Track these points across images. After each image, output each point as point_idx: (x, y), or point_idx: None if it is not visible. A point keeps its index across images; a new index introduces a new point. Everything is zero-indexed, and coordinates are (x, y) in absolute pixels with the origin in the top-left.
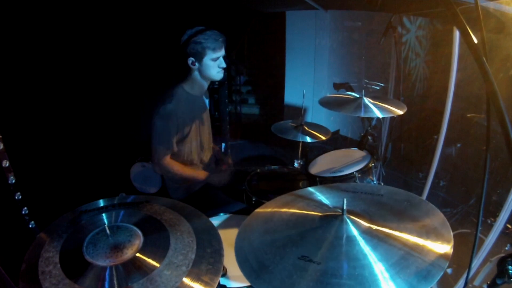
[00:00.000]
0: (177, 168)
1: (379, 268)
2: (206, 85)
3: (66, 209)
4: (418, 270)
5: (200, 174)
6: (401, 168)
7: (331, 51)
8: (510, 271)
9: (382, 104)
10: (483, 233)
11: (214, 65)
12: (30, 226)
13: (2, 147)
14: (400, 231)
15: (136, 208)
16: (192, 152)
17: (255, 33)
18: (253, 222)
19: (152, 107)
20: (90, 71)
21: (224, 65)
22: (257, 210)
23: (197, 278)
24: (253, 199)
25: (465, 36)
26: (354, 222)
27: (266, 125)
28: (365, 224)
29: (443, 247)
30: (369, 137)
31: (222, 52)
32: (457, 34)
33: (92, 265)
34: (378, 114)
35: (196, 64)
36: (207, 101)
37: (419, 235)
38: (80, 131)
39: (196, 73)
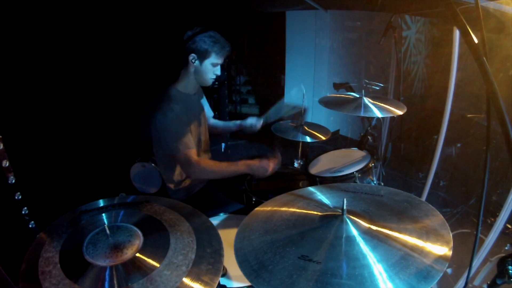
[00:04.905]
0: (212, 164)
1: (378, 269)
2: (197, 85)
3: (66, 209)
4: (418, 271)
5: (240, 166)
6: (401, 168)
7: (331, 51)
8: (510, 271)
9: (382, 104)
10: (483, 233)
11: (211, 70)
12: (30, 226)
13: (2, 147)
14: (400, 231)
15: (136, 208)
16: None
17: (255, 33)
18: (252, 221)
19: (150, 107)
20: (90, 71)
21: (219, 73)
22: (257, 209)
23: (197, 278)
24: (253, 199)
25: (465, 36)
26: (354, 222)
27: (266, 125)
28: (365, 224)
29: (442, 248)
30: (369, 137)
31: (222, 61)
32: (457, 34)
33: (92, 265)
34: (378, 114)
35: (196, 62)
36: (206, 104)
37: (419, 236)
38: (80, 131)
39: (191, 72)
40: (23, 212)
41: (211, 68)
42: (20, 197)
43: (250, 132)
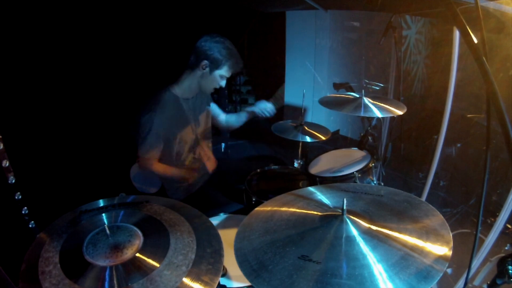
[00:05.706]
0: (162, 170)
1: (378, 269)
2: (198, 89)
3: (66, 209)
4: (418, 271)
5: (186, 173)
6: (401, 168)
7: (331, 51)
8: (510, 271)
9: (382, 104)
10: (483, 233)
11: (217, 81)
12: (30, 226)
13: (2, 147)
14: (400, 231)
15: (136, 208)
16: (182, 152)
17: (255, 33)
18: (252, 221)
19: (143, 107)
20: (90, 71)
21: (223, 85)
22: (257, 209)
23: (197, 278)
24: (253, 199)
25: (465, 36)
26: (354, 222)
27: (266, 125)
28: (365, 224)
29: (442, 248)
30: (369, 137)
31: (230, 75)
32: (457, 34)
33: (92, 265)
34: (378, 114)
35: (207, 69)
36: (215, 106)
37: (419, 236)
38: (80, 131)
39: (197, 76)
40: (23, 212)
41: (218, 79)
42: (20, 197)
43: (265, 117)
